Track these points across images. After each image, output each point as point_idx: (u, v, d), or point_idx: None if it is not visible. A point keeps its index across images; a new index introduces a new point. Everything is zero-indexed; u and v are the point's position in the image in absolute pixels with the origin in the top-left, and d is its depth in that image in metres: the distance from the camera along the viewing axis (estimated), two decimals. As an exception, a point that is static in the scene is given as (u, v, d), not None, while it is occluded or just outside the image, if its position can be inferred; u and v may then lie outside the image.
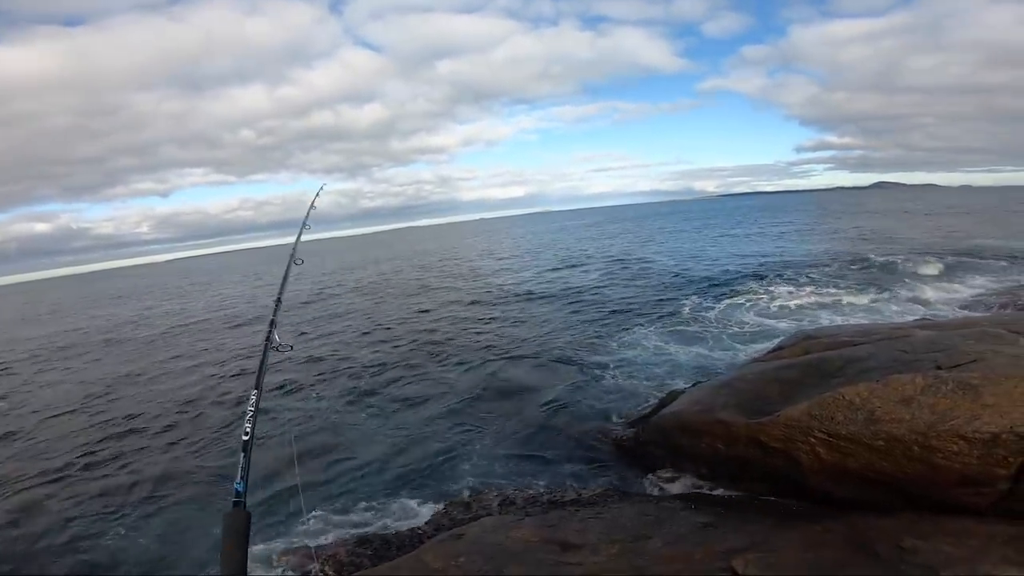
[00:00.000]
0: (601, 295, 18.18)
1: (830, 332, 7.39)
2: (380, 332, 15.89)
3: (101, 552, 6.04)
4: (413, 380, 10.83)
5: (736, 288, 16.77)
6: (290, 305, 26.89)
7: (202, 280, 53.59)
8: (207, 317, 24.14)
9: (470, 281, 26.15)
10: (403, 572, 4.07)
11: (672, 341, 11.44)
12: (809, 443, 4.89)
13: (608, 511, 5.13)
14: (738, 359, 9.36)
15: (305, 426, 8.97)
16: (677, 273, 21.40)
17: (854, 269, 18.15)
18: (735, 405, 6.08)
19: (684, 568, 3.78)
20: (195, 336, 19.39)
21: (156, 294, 42.97)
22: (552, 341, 12.81)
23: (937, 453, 4.00)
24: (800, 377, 6.08)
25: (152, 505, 6.94)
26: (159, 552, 5.86)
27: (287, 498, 6.46)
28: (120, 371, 15.05)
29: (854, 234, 31.47)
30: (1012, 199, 60.92)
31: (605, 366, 10.27)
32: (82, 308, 39.24)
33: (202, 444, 8.81)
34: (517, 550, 4.32)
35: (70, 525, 6.65)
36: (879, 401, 4.61)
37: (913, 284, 14.68)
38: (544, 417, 8.21)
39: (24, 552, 6.19)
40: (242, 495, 1.62)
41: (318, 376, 11.81)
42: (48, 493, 7.64)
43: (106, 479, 7.90)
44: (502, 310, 17.46)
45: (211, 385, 12.29)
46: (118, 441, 9.41)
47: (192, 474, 7.70)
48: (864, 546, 3.43)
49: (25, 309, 48.39)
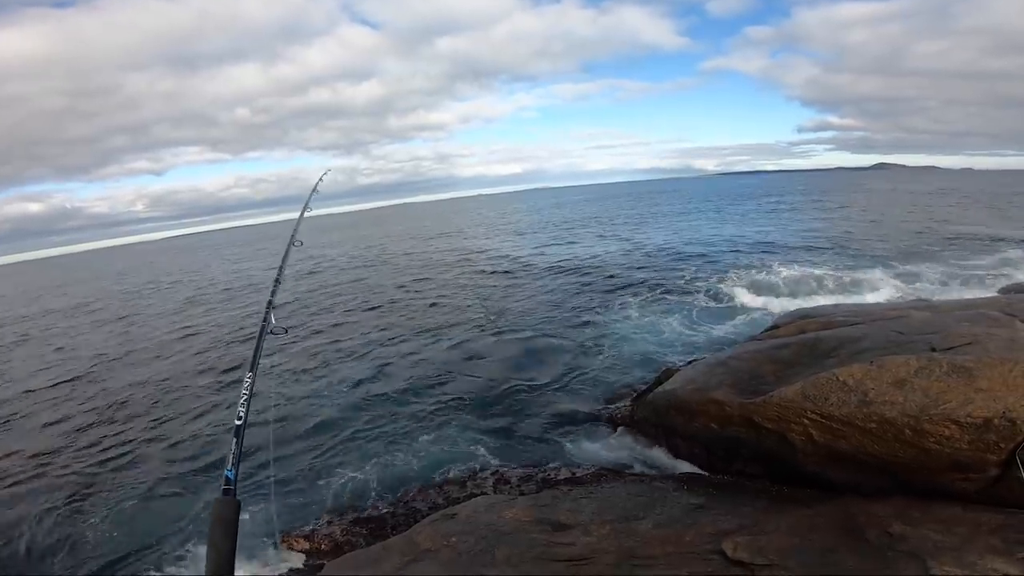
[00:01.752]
0: (596, 271, 18.18)
1: (825, 312, 7.39)
2: (373, 310, 15.87)
3: (83, 540, 5.98)
4: (405, 359, 10.86)
5: (733, 266, 16.78)
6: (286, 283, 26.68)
7: (201, 258, 52.79)
8: (207, 293, 23.91)
9: (465, 256, 26.05)
10: (395, 552, 4.12)
11: (668, 318, 11.47)
12: (802, 424, 4.92)
13: (600, 491, 5.18)
14: (733, 337, 9.37)
15: (295, 406, 9.01)
16: (673, 250, 21.39)
17: (851, 249, 18.13)
18: (730, 384, 6.10)
19: (674, 550, 3.83)
20: (193, 313, 19.22)
21: (151, 271, 42.70)
22: (547, 318, 12.83)
23: (929, 437, 4.02)
24: (795, 357, 6.11)
25: (139, 490, 6.91)
26: (144, 540, 5.82)
27: (279, 478, 6.55)
28: (113, 350, 14.98)
29: (853, 214, 31.37)
30: (1014, 182, 60.63)
31: (600, 343, 10.30)
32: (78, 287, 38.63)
33: (193, 428, 8.78)
34: (509, 530, 4.37)
35: (51, 512, 6.58)
36: (872, 383, 4.62)
37: (908, 264, 14.65)
38: (538, 395, 8.26)
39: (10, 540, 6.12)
40: (232, 482, 1.58)
41: (311, 355, 11.82)
42: (34, 475, 7.62)
43: (92, 463, 7.87)
44: (497, 286, 17.47)
45: (206, 365, 12.25)
46: (107, 425, 9.38)
47: (182, 459, 7.67)
48: (853, 531, 3.48)
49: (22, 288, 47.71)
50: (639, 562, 3.72)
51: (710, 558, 3.61)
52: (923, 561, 2.94)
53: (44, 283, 51.06)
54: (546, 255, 23.32)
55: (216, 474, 6.30)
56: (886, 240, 19.48)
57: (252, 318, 16.44)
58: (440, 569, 3.72)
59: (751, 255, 18.62)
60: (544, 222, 43.84)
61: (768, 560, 3.38)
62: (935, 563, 2.90)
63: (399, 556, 3.97)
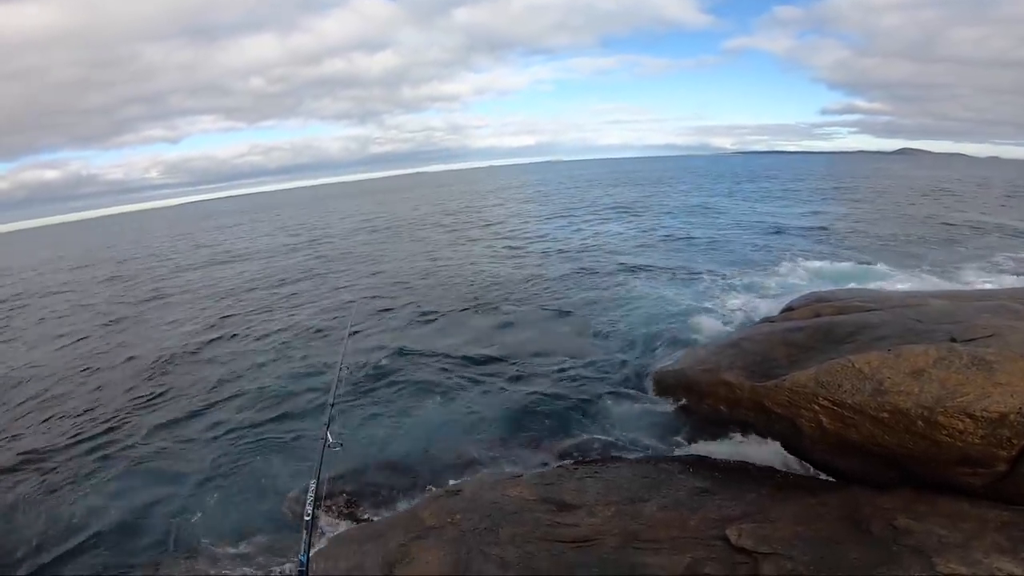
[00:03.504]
0: (609, 248, 18.10)
1: (842, 295, 7.33)
2: (389, 283, 15.84)
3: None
4: (411, 333, 10.90)
5: (747, 245, 16.64)
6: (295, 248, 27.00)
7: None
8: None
9: (476, 230, 25.96)
10: (399, 528, 4.24)
11: (680, 296, 11.42)
12: (813, 410, 4.94)
13: (606, 471, 5.27)
14: (747, 317, 9.33)
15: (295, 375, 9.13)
16: (688, 228, 21.19)
17: (869, 233, 17.83)
18: (741, 367, 6.12)
19: (679, 534, 3.91)
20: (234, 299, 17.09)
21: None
22: (557, 293, 12.83)
23: (941, 430, 4.03)
24: (809, 341, 6.09)
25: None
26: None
27: (292, 448, 6.72)
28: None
29: (874, 197, 30.72)
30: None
31: (609, 320, 10.32)
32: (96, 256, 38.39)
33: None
34: (513, 508, 4.48)
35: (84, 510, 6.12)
36: (889, 372, 4.61)
37: (930, 251, 14.37)
38: (545, 371, 8.32)
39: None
40: (305, 565, 1.84)
41: (321, 328, 11.91)
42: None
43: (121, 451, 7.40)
44: (507, 261, 17.40)
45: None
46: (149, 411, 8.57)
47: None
48: (859, 523, 3.53)
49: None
50: (643, 545, 3.82)
51: (713, 544, 3.69)
52: (928, 558, 2.98)
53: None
54: (554, 230, 23.25)
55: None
56: (905, 225, 19.15)
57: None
58: (444, 547, 3.83)
59: (766, 235, 18.49)
60: (555, 192, 43.12)
61: (771, 549, 3.45)
62: (940, 560, 2.94)
63: (403, 532, 4.09)
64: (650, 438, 6.07)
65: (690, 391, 6.50)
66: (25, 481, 6.78)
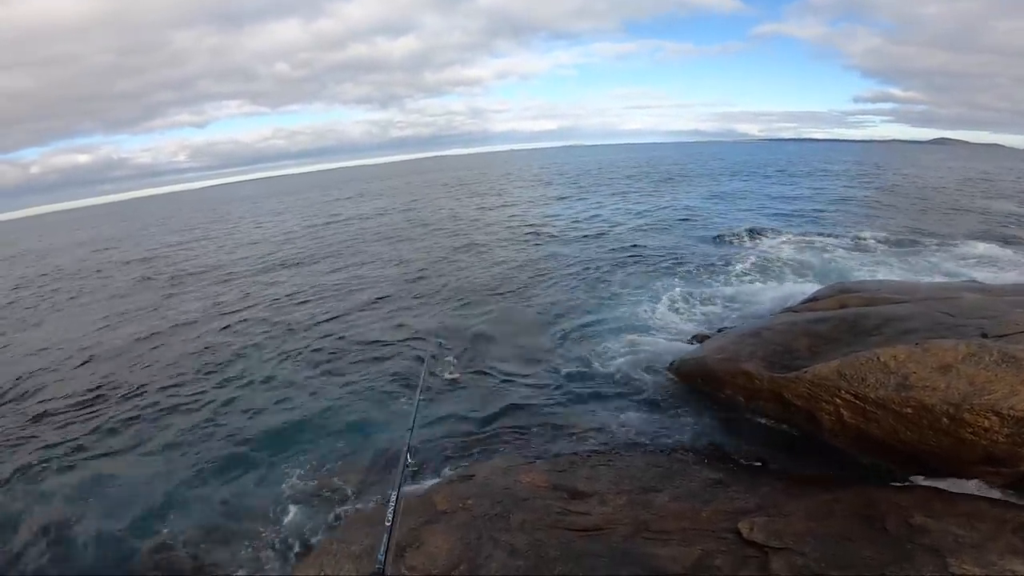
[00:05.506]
0: (627, 233, 18.08)
1: (870, 287, 7.20)
2: (409, 265, 16.03)
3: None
4: (424, 317, 11.03)
5: (771, 233, 16.42)
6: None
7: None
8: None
9: (494, 213, 26.00)
10: (411, 511, 4.34)
11: (700, 283, 11.35)
12: (834, 404, 4.94)
13: (619, 459, 5.34)
14: (768, 307, 9.24)
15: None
16: (708, 215, 21.02)
17: (898, 222, 17.38)
18: (761, 357, 6.11)
19: (690, 525, 3.97)
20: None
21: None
22: (575, 277, 12.88)
23: (966, 427, 4.00)
24: (833, 332, 6.04)
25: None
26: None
27: (306, 427, 6.94)
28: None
29: (908, 187, 29.77)
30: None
31: (628, 306, 10.31)
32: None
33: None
34: (525, 495, 4.57)
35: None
36: (915, 366, 4.57)
37: (966, 245, 13.91)
38: (559, 357, 8.38)
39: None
40: (383, 563, 1.99)
41: (329, 309, 12.13)
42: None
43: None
44: (527, 246, 17.45)
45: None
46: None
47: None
48: (873, 520, 3.54)
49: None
50: (653, 536, 3.88)
51: (724, 536, 3.74)
52: (942, 557, 3.00)
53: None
54: (573, 215, 23.19)
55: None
56: (936, 216, 18.63)
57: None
58: (454, 532, 3.95)
59: (790, 223, 18.25)
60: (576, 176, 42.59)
61: (783, 544, 3.49)
62: (954, 560, 2.95)
63: (415, 516, 4.21)
64: (665, 427, 6.11)
65: (709, 380, 6.52)
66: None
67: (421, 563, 3.67)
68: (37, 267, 27.28)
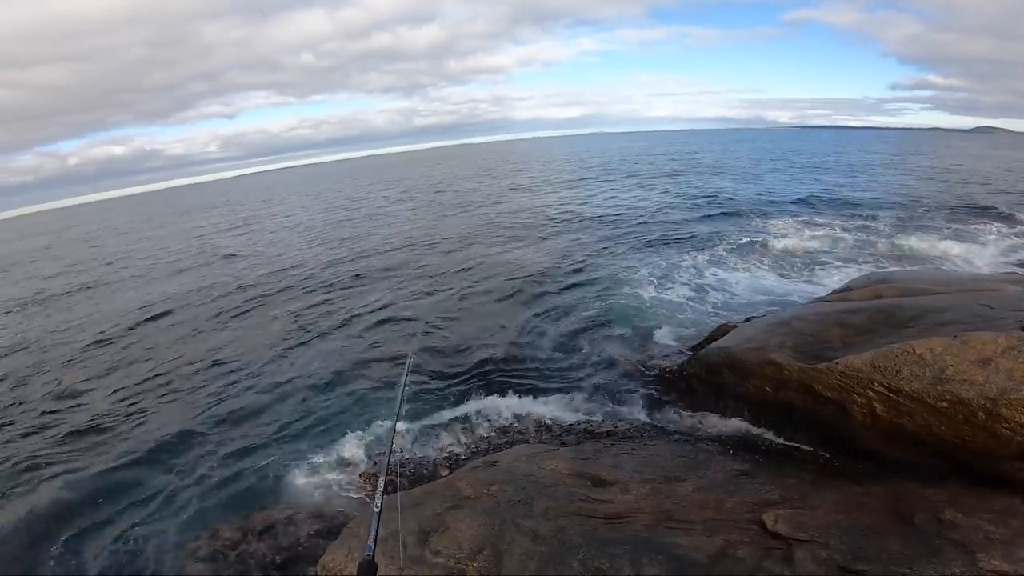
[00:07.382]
0: (653, 220, 18.03)
1: (906, 277, 7.06)
2: (429, 251, 16.19)
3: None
4: (452, 305, 11.20)
5: (802, 220, 16.14)
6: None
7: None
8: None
9: (517, 197, 25.96)
10: (437, 497, 4.50)
11: (726, 271, 11.27)
12: (866, 396, 4.89)
13: (643, 447, 5.40)
14: (799, 296, 9.12)
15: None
16: (737, 202, 20.74)
17: (941, 213, 16.87)
18: (790, 347, 6.06)
19: (713, 516, 4.02)
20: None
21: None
22: (600, 262, 12.87)
23: (1003, 422, 3.96)
24: (867, 324, 5.96)
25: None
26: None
27: (333, 418, 7.15)
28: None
29: (944, 175, 28.80)
30: None
31: (653, 292, 10.29)
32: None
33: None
34: (549, 482, 4.68)
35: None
36: (952, 359, 4.50)
37: (1006, 236, 13.48)
38: (585, 342, 8.45)
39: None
40: (372, 550, 2.06)
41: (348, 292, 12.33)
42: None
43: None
44: (552, 230, 17.47)
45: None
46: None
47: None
48: (902, 514, 3.55)
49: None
50: (675, 525, 3.95)
51: (748, 528, 3.79)
52: (971, 553, 3.00)
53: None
54: (598, 199, 23.04)
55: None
56: (977, 204, 18.01)
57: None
58: (478, 517, 4.07)
59: (822, 210, 17.99)
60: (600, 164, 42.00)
61: (808, 536, 3.53)
62: (983, 556, 2.96)
63: (440, 501, 4.35)
64: (690, 417, 6.15)
65: (735, 370, 6.48)
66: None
67: (445, 547, 3.80)
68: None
